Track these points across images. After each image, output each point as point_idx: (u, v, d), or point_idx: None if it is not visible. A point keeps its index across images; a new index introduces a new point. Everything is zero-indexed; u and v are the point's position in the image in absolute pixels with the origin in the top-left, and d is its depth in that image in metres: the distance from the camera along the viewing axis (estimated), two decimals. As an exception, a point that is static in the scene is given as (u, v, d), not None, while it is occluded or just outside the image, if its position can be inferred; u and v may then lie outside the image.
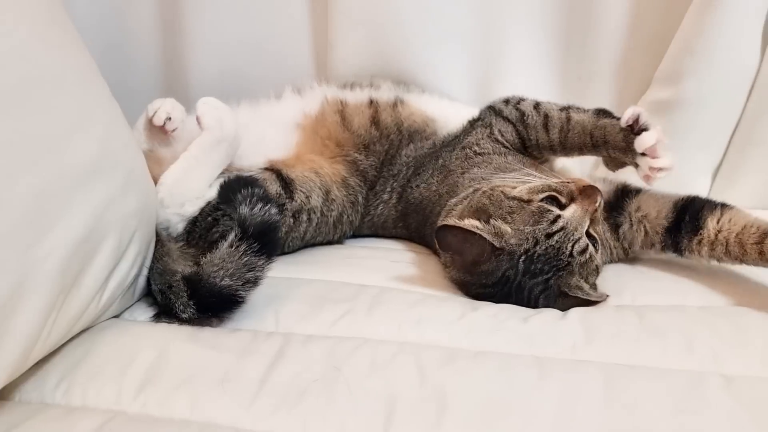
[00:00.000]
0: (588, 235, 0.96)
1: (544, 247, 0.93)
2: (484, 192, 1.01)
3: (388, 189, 1.24)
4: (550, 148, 1.13)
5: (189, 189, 1.05)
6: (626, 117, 1.02)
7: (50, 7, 0.85)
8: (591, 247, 0.96)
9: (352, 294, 0.94)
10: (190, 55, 1.44)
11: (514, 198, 0.97)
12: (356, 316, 0.88)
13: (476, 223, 0.95)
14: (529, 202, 0.96)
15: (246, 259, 0.87)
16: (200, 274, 0.88)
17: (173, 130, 1.05)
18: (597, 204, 0.97)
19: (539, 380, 0.74)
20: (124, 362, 0.77)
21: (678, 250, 1.05)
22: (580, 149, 1.10)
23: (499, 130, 1.17)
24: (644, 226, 1.07)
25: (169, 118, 1.05)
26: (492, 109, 1.21)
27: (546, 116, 1.13)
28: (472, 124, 1.22)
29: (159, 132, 1.08)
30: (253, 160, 1.14)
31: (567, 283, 0.94)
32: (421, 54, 1.37)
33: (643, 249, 1.10)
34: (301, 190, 1.10)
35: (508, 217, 0.96)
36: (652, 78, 1.34)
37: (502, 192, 0.99)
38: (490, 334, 0.84)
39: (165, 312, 0.90)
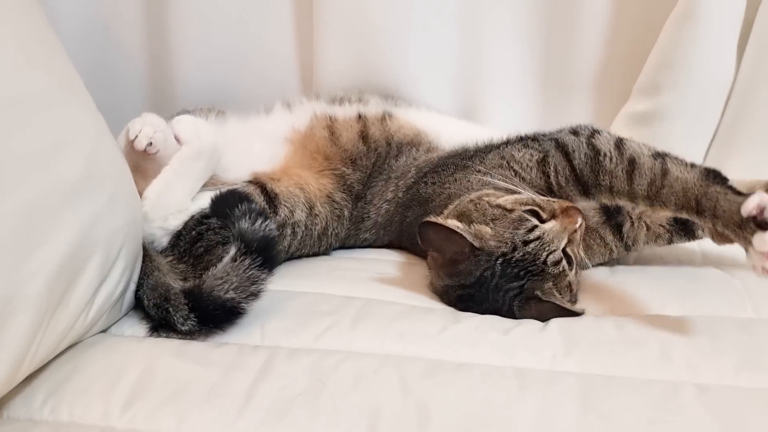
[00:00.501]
0: (565, 253, 0.99)
1: (521, 253, 0.96)
2: (471, 200, 1.04)
3: (392, 188, 1.24)
4: (629, 197, 0.97)
5: (172, 202, 1.06)
6: (750, 207, 0.83)
7: (35, 23, 0.86)
8: (565, 263, 0.98)
9: (338, 306, 0.95)
10: (176, 69, 1.45)
11: (498, 206, 1.01)
12: (341, 329, 0.89)
13: (458, 223, 0.99)
14: (511, 211, 1.00)
15: (250, 272, 0.90)
16: (202, 287, 0.90)
17: (155, 152, 1.05)
18: (577, 224, 0.99)
19: (519, 392, 0.75)
20: (112, 378, 0.78)
21: (690, 232, 1.09)
22: (676, 209, 0.93)
23: (555, 167, 1.04)
24: (644, 222, 1.10)
25: (150, 143, 1.04)
26: (554, 141, 1.07)
27: (632, 161, 0.96)
28: (524, 140, 1.13)
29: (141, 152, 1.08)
30: (238, 173, 1.15)
31: (540, 288, 0.96)
32: (404, 67, 1.39)
33: (648, 244, 1.13)
34: (285, 205, 1.12)
35: (491, 223, 0.99)
36: (631, 90, 1.37)
37: (487, 201, 1.03)
38: (472, 346, 0.85)
39: (162, 325, 0.91)
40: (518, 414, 0.72)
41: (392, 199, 1.24)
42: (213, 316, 0.89)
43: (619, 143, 1.00)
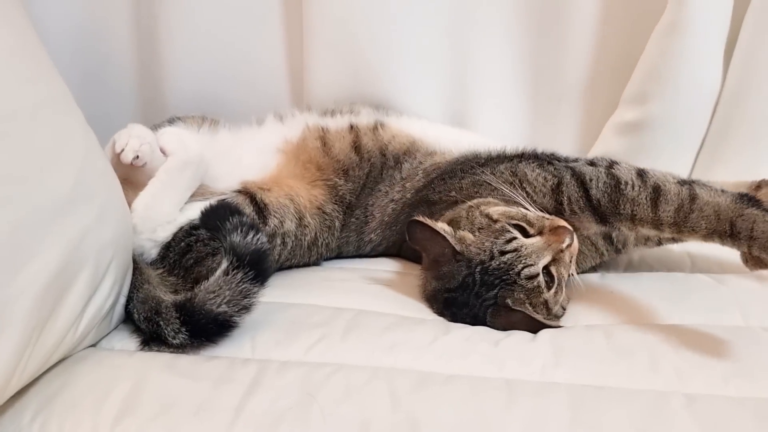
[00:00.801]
0: (547, 271, 0.98)
1: (497, 263, 0.98)
2: (470, 206, 1.07)
3: (398, 189, 1.24)
4: (653, 225, 0.95)
5: (160, 213, 1.06)
6: None
7: (23, 38, 0.86)
8: (542, 280, 0.97)
9: (328, 318, 0.95)
10: (166, 81, 1.45)
11: (486, 216, 1.03)
12: (331, 341, 0.89)
13: (445, 226, 1.03)
14: (496, 221, 1.02)
15: (243, 286, 0.90)
16: (194, 301, 0.89)
17: (143, 165, 1.05)
18: (563, 244, 0.98)
19: (508, 404, 0.76)
20: (101, 394, 0.78)
21: None
22: (707, 233, 0.91)
23: (569, 196, 1.03)
24: None
25: (137, 157, 1.03)
26: (571, 169, 1.05)
27: (657, 188, 0.95)
28: (539, 159, 1.12)
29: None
30: (228, 183, 1.15)
31: (511, 297, 0.97)
32: (394, 77, 1.39)
33: (637, 246, 1.17)
34: (275, 216, 1.12)
35: (476, 231, 1.02)
36: (619, 99, 1.38)
37: (480, 210, 1.05)
38: (462, 358, 0.85)
39: (153, 339, 0.90)
40: (508, 426, 0.72)
41: (399, 199, 1.24)
42: (205, 329, 0.89)
43: (642, 172, 0.99)
